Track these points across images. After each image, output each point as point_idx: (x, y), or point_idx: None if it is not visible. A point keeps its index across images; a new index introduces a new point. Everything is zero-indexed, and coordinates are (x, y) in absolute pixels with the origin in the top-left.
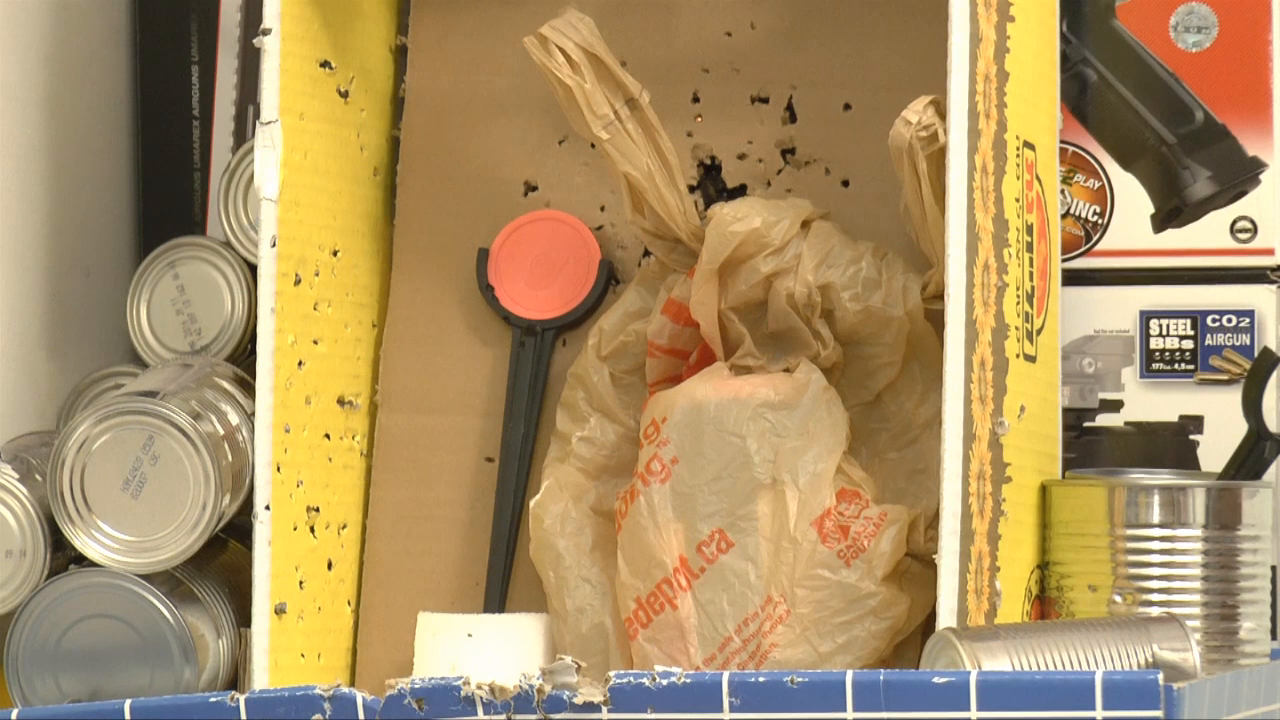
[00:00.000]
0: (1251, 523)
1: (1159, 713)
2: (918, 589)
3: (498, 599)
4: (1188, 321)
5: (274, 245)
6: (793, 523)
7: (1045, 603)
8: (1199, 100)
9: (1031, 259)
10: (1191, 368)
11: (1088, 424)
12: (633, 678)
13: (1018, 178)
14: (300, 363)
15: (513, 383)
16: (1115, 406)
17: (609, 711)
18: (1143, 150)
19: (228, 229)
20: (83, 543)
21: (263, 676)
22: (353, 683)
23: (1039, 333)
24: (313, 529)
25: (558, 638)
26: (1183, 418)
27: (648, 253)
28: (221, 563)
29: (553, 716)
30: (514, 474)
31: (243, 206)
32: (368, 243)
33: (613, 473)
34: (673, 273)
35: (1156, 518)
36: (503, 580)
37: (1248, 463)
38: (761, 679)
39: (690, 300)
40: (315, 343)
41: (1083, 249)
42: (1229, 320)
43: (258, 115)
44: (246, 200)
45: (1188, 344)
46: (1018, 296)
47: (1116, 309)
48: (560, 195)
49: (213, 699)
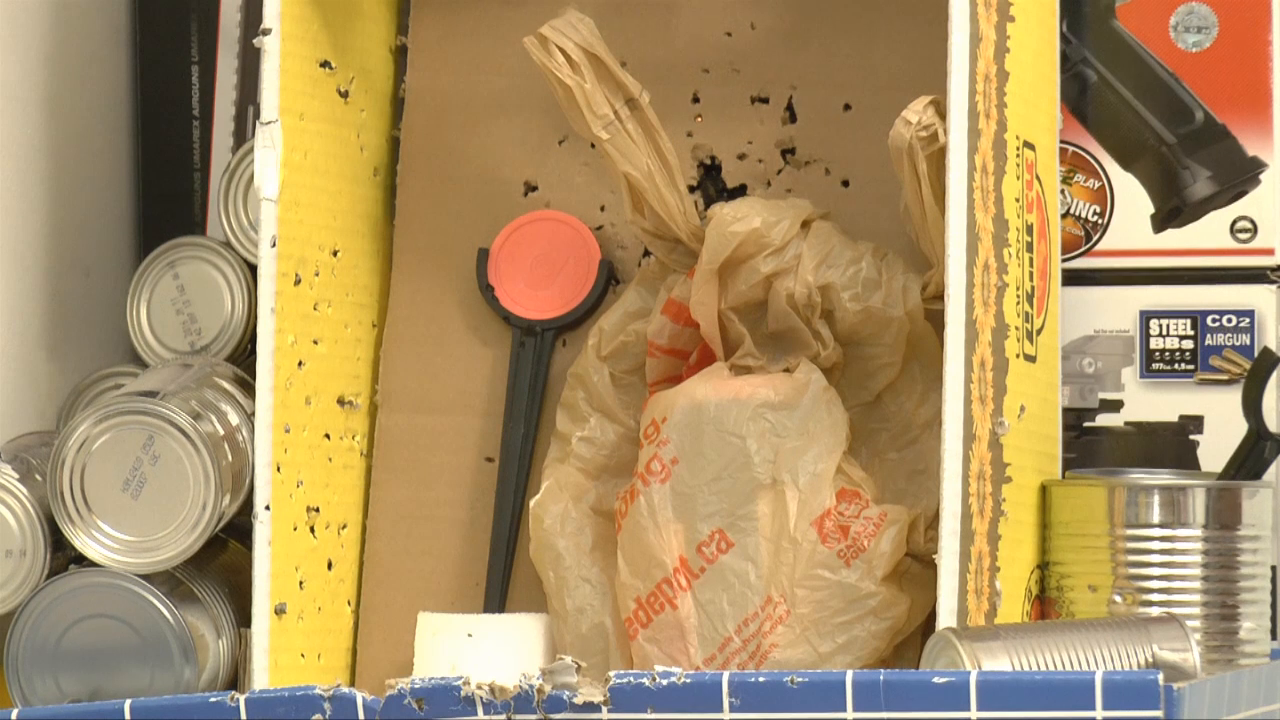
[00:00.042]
0: (1251, 523)
1: (1159, 713)
2: (918, 589)
3: (498, 599)
4: (1188, 321)
5: (274, 245)
6: (793, 523)
7: (1045, 603)
8: (1199, 100)
9: (1031, 259)
10: (1191, 368)
11: (1088, 424)
12: (633, 678)
13: (1018, 178)
14: (300, 363)
15: (513, 383)
16: (1115, 406)
17: (609, 711)
18: (1143, 150)
19: (228, 229)
20: (83, 543)
21: (263, 676)
22: (353, 683)
23: (1039, 333)
24: (313, 529)
25: (558, 638)
26: (1183, 418)
27: (648, 253)
28: (221, 563)
29: (553, 716)
30: (514, 474)
31: (243, 206)
32: (368, 243)
33: (613, 473)
34: (673, 273)
35: (1156, 518)
36: (503, 580)
37: (1248, 463)
38: (761, 679)
39: (690, 300)
40: (315, 343)
41: (1083, 249)
42: (1229, 320)
43: (258, 115)
44: (246, 200)
45: (1188, 344)
46: (1018, 296)
47: (1116, 309)
48: (560, 195)
49: (213, 699)
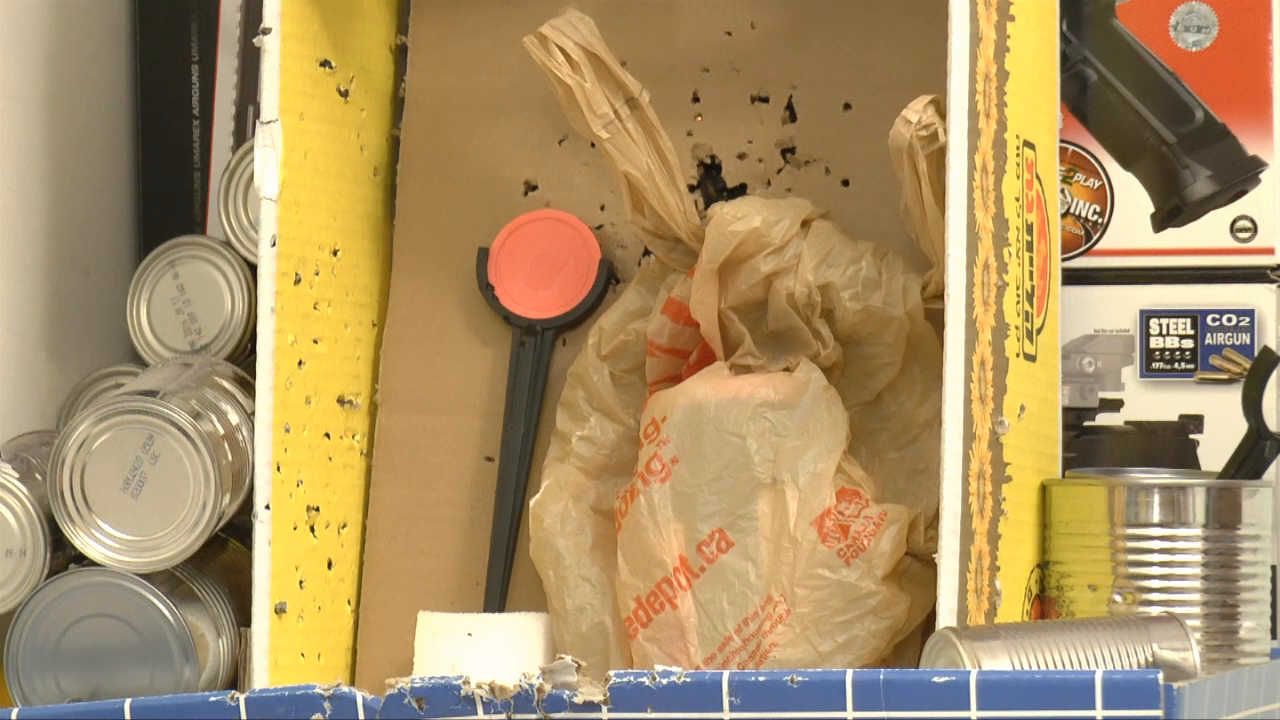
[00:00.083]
0: (1251, 522)
1: (1159, 712)
2: (918, 588)
3: (498, 599)
4: (1188, 321)
5: (274, 245)
6: (793, 522)
7: (1045, 602)
8: (1199, 100)
9: (1031, 258)
10: (1191, 367)
11: (1088, 423)
12: (633, 677)
13: (1018, 177)
14: (300, 362)
15: (513, 382)
16: (1115, 406)
17: (609, 711)
18: (1143, 150)
19: (228, 229)
20: (83, 542)
21: (263, 676)
22: (353, 682)
23: (1039, 332)
24: (313, 528)
25: (558, 637)
26: (1183, 417)
27: (648, 252)
28: (221, 562)
29: (553, 716)
30: (514, 474)
31: (243, 206)
32: (368, 242)
33: (613, 472)
34: (673, 272)
35: (1156, 517)
36: (503, 580)
37: (1248, 462)
38: (761, 678)
39: (690, 300)
40: (315, 342)
41: (1083, 248)
42: (1229, 320)
43: (258, 115)
44: (246, 200)
45: (1188, 343)
46: (1018, 296)
47: (1116, 308)
48: (560, 195)
49: (213, 698)
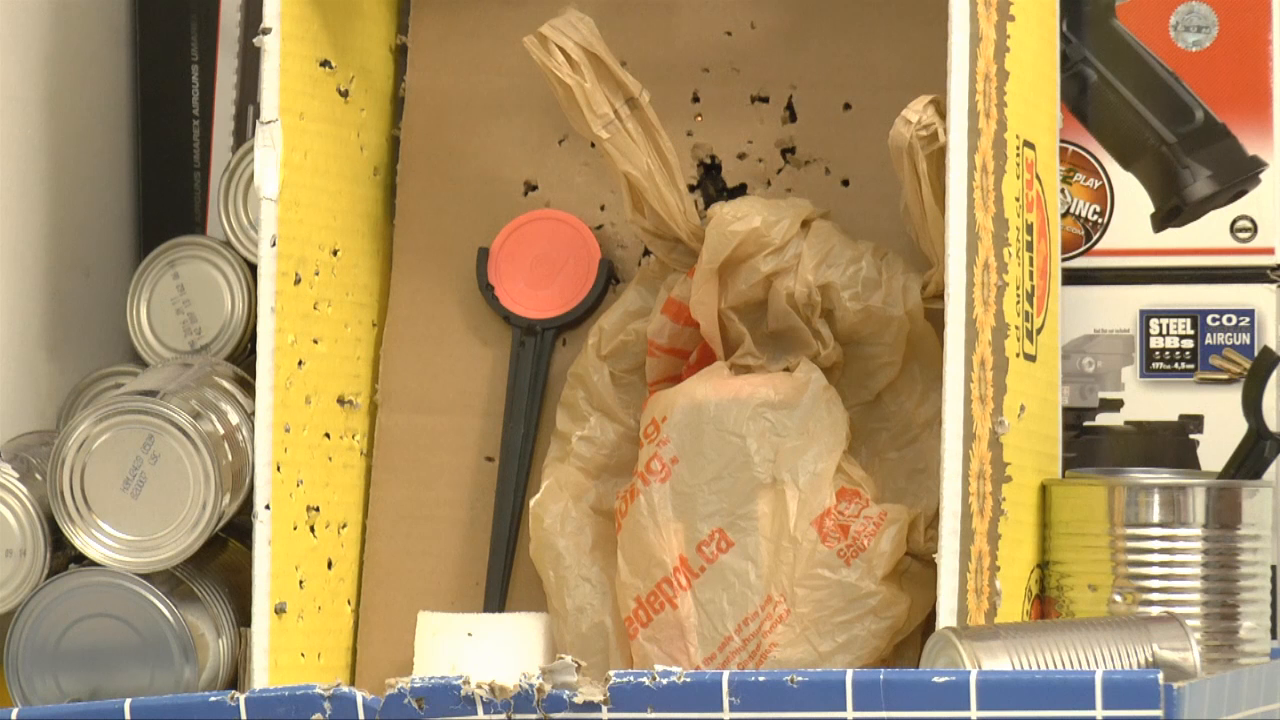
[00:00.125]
0: (1251, 522)
1: (1159, 712)
2: (918, 588)
3: (498, 599)
4: (1188, 321)
5: (274, 245)
6: (793, 522)
7: (1045, 602)
8: (1199, 100)
9: (1031, 258)
10: (1191, 367)
11: (1088, 423)
12: (633, 677)
13: (1018, 177)
14: (300, 362)
15: (513, 382)
16: (1115, 406)
17: (609, 711)
18: (1143, 150)
19: (228, 229)
20: (83, 542)
21: (263, 676)
22: (353, 682)
23: (1039, 332)
24: (313, 528)
25: (558, 637)
26: (1183, 417)
27: (648, 252)
28: (221, 562)
29: (553, 716)
30: (514, 474)
31: (243, 206)
32: (368, 242)
33: (613, 472)
34: (673, 272)
35: (1156, 517)
36: (503, 580)
37: (1248, 462)
38: (761, 678)
39: (690, 300)
40: (315, 342)
41: (1083, 248)
42: (1229, 320)
43: (258, 115)
44: (246, 200)
45: (1188, 343)
46: (1018, 296)
47: (1116, 308)
48: (560, 195)
49: (213, 698)
